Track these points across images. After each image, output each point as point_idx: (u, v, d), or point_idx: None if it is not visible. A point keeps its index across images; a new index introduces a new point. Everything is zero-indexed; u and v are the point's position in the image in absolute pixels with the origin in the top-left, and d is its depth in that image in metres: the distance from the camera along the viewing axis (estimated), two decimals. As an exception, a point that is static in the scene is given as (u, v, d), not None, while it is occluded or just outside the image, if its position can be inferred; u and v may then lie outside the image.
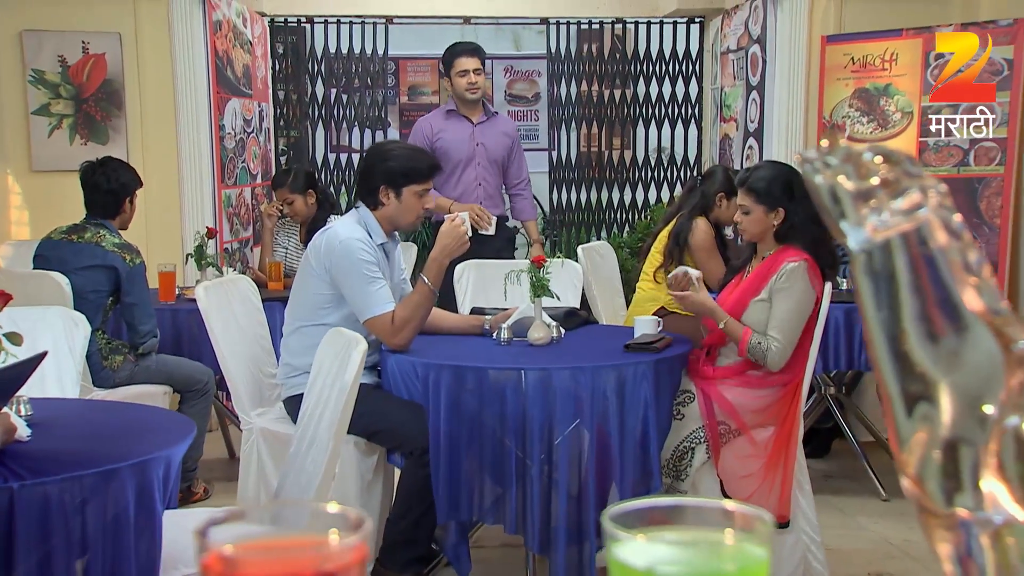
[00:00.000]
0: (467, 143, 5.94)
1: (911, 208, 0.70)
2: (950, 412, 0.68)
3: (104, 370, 4.57)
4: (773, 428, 3.82)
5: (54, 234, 4.70)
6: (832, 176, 0.71)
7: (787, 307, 3.83)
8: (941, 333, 0.69)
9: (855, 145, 0.71)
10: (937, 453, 0.68)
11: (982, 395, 0.68)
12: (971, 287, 0.70)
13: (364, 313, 3.76)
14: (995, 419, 0.68)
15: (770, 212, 3.89)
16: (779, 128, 6.56)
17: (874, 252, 0.70)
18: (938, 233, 0.70)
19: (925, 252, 0.69)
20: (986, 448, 0.67)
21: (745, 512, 0.66)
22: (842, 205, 0.71)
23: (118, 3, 6.17)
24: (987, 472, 0.68)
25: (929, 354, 0.69)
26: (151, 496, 2.46)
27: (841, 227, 0.71)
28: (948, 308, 0.69)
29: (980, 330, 0.69)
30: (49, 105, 6.15)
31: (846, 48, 6.38)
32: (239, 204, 6.62)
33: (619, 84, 8.19)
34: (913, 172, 0.71)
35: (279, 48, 7.87)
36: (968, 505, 0.68)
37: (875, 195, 0.70)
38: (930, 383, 0.69)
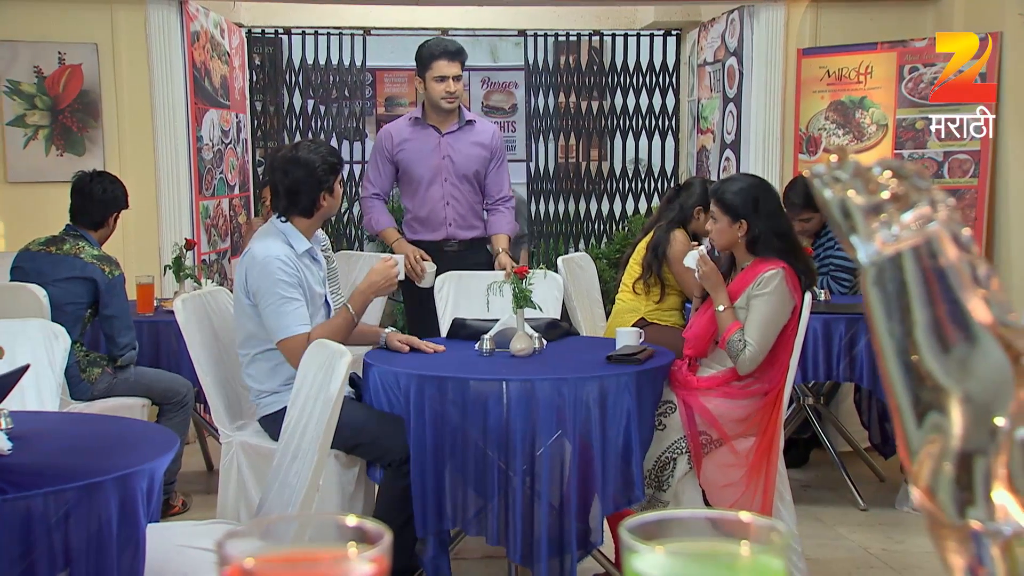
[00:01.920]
0: (432, 156, 5.20)
1: (921, 222, 0.70)
2: (961, 424, 0.69)
3: (82, 382, 4.54)
4: (754, 438, 3.84)
5: (32, 245, 4.67)
6: (842, 191, 0.71)
7: (763, 312, 3.84)
8: (951, 345, 0.69)
9: (864, 160, 0.72)
10: (948, 465, 0.69)
11: (992, 406, 0.69)
12: (980, 299, 0.71)
13: (277, 334, 3.72)
14: (1005, 431, 0.68)
15: (734, 223, 3.92)
16: (756, 140, 6.60)
17: (884, 265, 0.71)
18: (948, 246, 0.70)
19: (935, 265, 0.70)
20: (997, 459, 0.68)
21: (761, 524, 0.66)
22: (852, 219, 0.71)
23: (95, 13, 6.14)
24: (997, 483, 0.68)
25: (940, 365, 0.69)
26: (134, 509, 2.44)
27: (851, 241, 0.72)
28: (958, 320, 0.70)
29: (990, 342, 0.70)
30: (25, 116, 6.11)
31: (822, 61, 6.42)
32: (217, 215, 6.60)
33: (596, 96, 8.23)
34: (922, 186, 0.71)
35: (256, 59, 7.86)
36: (980, 517, 0.69)
37: (885, 209, 0.70)
38: (941, 394, 0.69)
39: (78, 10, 6.14)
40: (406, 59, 9.49)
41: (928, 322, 0.70)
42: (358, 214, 7.88)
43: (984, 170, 5.85)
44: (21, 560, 2.28)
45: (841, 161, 0.72)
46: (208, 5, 6.56)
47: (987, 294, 0.71)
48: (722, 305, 3.88)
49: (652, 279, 4.89)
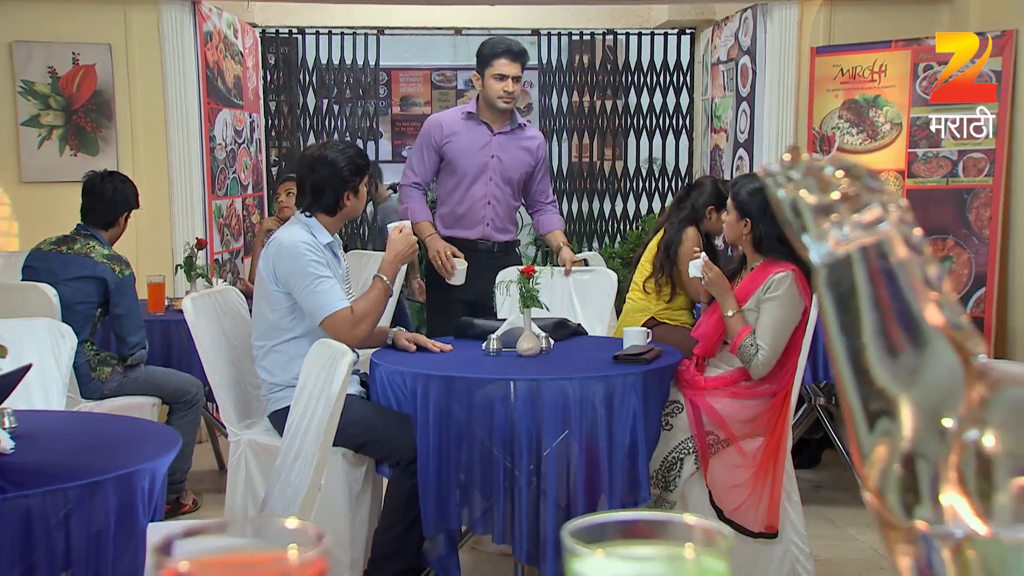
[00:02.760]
0: (480, 154, 5.07)
1: (872, 222, 0.70)
2: (911, 426, 0.68)
3: (92, 381, 4.56)
4: (762, 438, 3.82)
5: (44, 245, 4.70)
6: (794, 190, 0.71)
7: (774, 316, 3.83)
8: (900, 348, 0.69)
9: (817, 159, 0.71)
10: (897, 467, 0.68)
11: (942, 409, 0.68)
12: (931, 302, 0.70)
13: (319, 313, 3.75)
14: (955, 433, 0.68)
15: (740, 220, 3.93)
16: (769, 139, 6.57)
17: (835, 266, 0.70)
18: (898, 247, 0.70)
19: (885, 266, 0.69)
20: (946, 462, 0.67)
21: (705, 526, 0.66)
22: (804, 219, 0.71)
23: (108, 14, 6.17)
24: (947, 486, 0.67)
25: (888, 369, 0.69)
26: (135, 509, 2.45)
27: (803, 240, 0.71)
28: (907, 322, 0.69)
29: (940, 344, 0.69)
30: (39, 116, 6.14)
31: (835, 59, 6.39)
32: (230, 215, 6.62)
33: (610, 95, 8.21)
34: (874, 186, 0.71)
35: (271, 59, 7.89)
36: (928, 518, 0.68)
37: (836, 209, 0.70)
38: (890, 398, 0.69)
39: (92, 11, 6.17)
40: (421, 59, 9.56)
41: (876, 324, 0.69)
42: (371, 213, 7.89)
43: (999, 169, 5.81)
44: (22, 560, 2.29)
45: (794, 160, 0.71)
46: (221, 5, 6.58)
47: (939, 296, 0.70)
48: (731, 310, 3.86)
49: (663, 278, 4.88)
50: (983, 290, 5.81)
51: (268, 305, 3.84)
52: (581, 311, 5.02)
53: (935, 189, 6.00)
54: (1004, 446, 0.66)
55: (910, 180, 6.08)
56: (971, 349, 0.69)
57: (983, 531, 0.66)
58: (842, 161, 0.71)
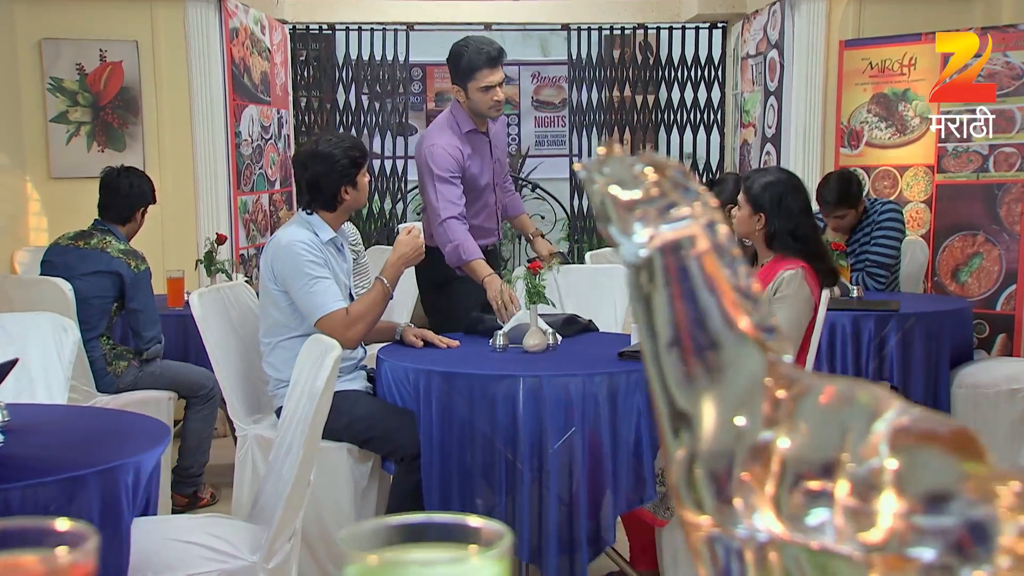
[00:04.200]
0: (488, 164, 4.89)
1: (677, 220, 0.67)
2: (710, 427, 0.66)
3: (108, 375, 4.60)
4: (769, 437, 3.77)
5: (62, 240, 4.74)
6: (604, 185, 0.69)
7: (787, 315, 3.79)
8: (699, 349, 0.67)
9: (630, 155, 0.69)
10: (696, 469, 0.66)
11: (740, 411, 0.66)
12: (737, 302, 0.68)
13: (314, 313, 3.74)
14: (749, 433, 0.65)
15: (754, 215, 3.87)
16: (796, 134, 6.51)
17: (640, 266, 0.68)
18: (701, 246, 0.67)
19: (684, 266, 0.67)
20: (744, 464, 0.65)
21: (487, 527, 0.64)
22: (611, 215, 0.69)
23: (135, 11, 6.23)
24: (746, 488, 0.65)
25: (687, 371, 0.67)
26: (118, 503, 2.46)
27: (614, 237, 0.69)
28: (706, 323, 0.67)
29: (743, 346, 0.67)
30: (67, 113, 6.21)
31: (864, 53, 6.31)
32: (256, 210, 6.65)
33: (641, 90, 8.16)
34: (681, 183, 0.68)
35: (302, 55, 7.93)
36: (726, 518, 0.66)
37: (641, 206, 0.67)
38: (691, 400, 0.67)
39: (119, 8, 6.23)
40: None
41: (675, 325, 0.67)
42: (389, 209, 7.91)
43: (1031, 163, 5.72)
44: (3, 552, 2.30)
45: (608, 155, 0.69)
46: (249, 2, 6.61)
47: (746, 297, 0.68)
48: None
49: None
50: (1014, 287, 5.72)
51: (271, 303, 3.85)
52: (597, 307, 4.99)
53: (965, 184, 5.91)
54: (797, 451, 0.63)
55: (939, 175, 6.00)
56: (775, 350, 0.67)
57: (780, 533, 0.64)
58: (653, 158, 0.69)
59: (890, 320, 4.64)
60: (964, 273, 5.90)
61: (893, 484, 0.59)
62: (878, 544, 0.59)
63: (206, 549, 2.67)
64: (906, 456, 0.60)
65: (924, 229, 6.08)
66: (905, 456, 0.60)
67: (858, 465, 0.61)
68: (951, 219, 5.98)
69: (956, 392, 4.69)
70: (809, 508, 0.62)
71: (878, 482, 0.59)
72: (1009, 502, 0.57)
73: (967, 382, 4.70)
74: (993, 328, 5.78)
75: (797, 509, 0.62)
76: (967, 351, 4.98)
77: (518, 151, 10.75)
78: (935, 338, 4.68)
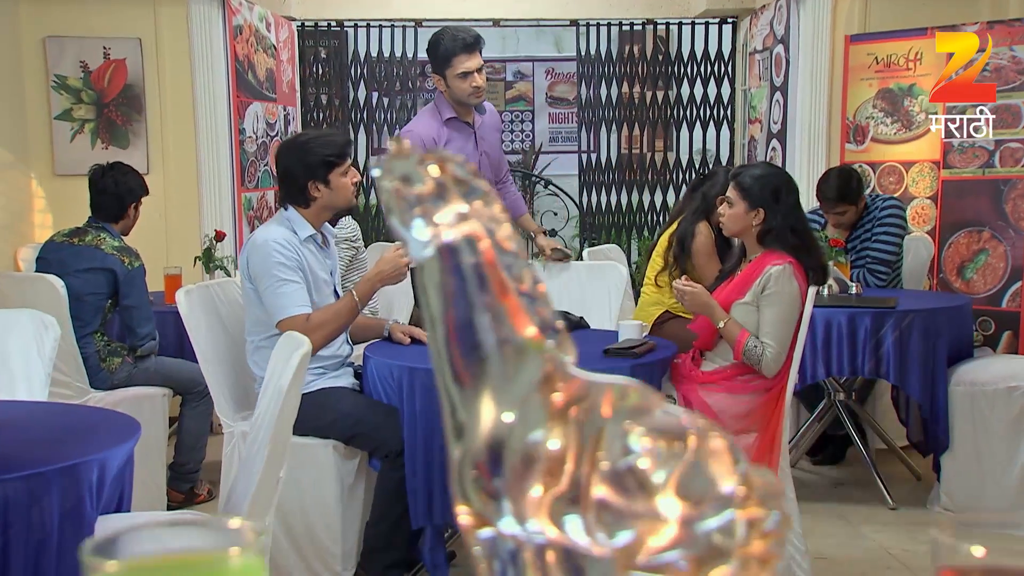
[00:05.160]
0: (473, 155, 4.86)
1: (457, 219, 0.66)
2: (484, 429, 0.65)
3: (102, 371, 4.61)
4: (755, 434, 3.75)
5: (57, 236, 4.76)
6: (391, 182, 0.67)
7: (776, 311, 3.76)
8: (472, 349, 0.65)
9: (420, 152, 0.68)
10: (471, 469, 0.65)
11: (515, 411, 0.64)
12: (517, 303, 0.66)
13: (275, 315, 3.73)
14: (522, 433, 0.64)
15: (751, 211, 3.84)
16: (802, 129, 6.46)
17: (423, 265, 0.67)
18: (481, 246, 0.66)
19: (461, 265, 0.65)
20: (516, 466, 0.64)
21: (244, 526, 0.63)
22: (396, 212, 0.67)
23: (138, 9, 6.25)
24: (519, 489, 0.64)
25: (459, 373, 0.65)
26: (81, 501, 2.46)
27: (399, 233, 0.68)
28: (482, 324, 0.65)
29: (520, 346, 0.65)
30: (71, 110, 6.24)
31: (870, 48, 6.26)
32: (261, 207, 6.66)
33: (651, 85, 8.12)
34: (465, 180, 0.67)
35: (320, 52, 7.95)
36: (499, 521, 0.64)
37: (422, 202, 0.66)
38: (467, 402, 0.65)
39: (122, 6, 6.26)
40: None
41: (450, 323, 0.66)
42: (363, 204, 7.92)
43: (1038, 159, 5.65)
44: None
45: (398, 151, 0.68)
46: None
47: (525, 296, 0.66)
48: (721, 321, 3.80)
49: (676, 271, 4.81)
50: (1019, 283, 5.65)
51: (252, 301, 3.84)
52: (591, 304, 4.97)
53: (971, 180, 5.85)
54: (564, 452, 0.62)
55: (945, 171, 5.94)
56: (556, 354, 0.65)
57: (552, 535, 0.62)
58: (439, 155, 0.67)
59: (887, 317, 4.59)
60: (969, 270, 5.84)
61: (646, 484, 0.58)
62: (632, 544, 0.58)
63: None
64: (659, 457, 0.58)
65: (930, 225, 6.02)
66: (655, 459, 0.58)
67: (614, 465, 0.59)
68: (957, 215, 5.92)
69: (954, 390, 4.63)
70: (570, 509, 0.60)
71: (631, 483, 0.58)
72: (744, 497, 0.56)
73: (965, 379, 4.64)
74: (999, 325, 5.72)
75: (562, 510, 0.61)
76: (967, 348, 4.92)
77: (532, 147, 10.74)
78: (933, 335, 4.62)
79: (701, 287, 3.88)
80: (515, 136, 10.91)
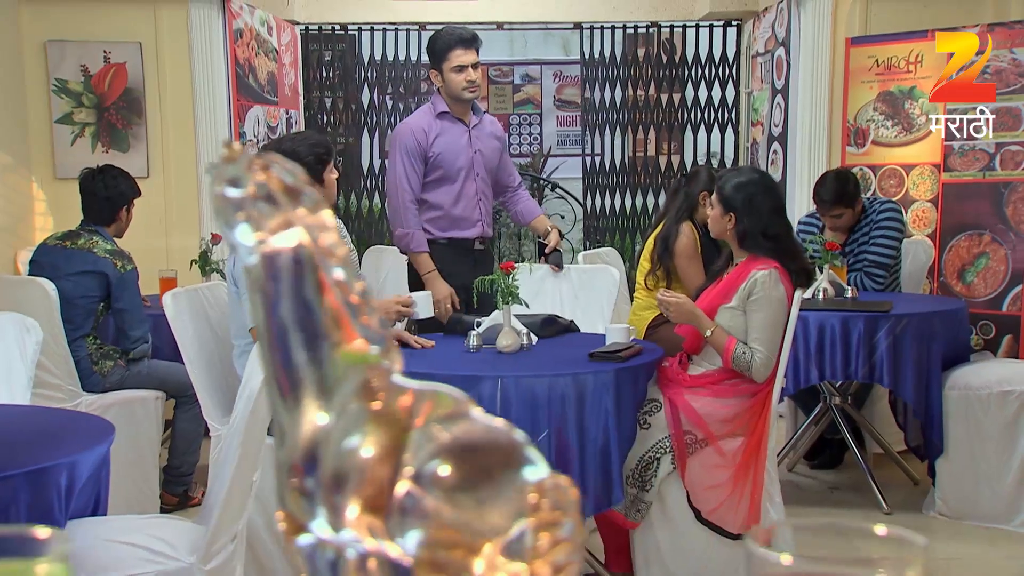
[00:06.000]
0: (465, 151, 4.88)
1: (282, 225, 0.65)
2: (305, 435, 0.64)
3: (94, 375, 4.62)
4: (742, 438, 3.73)
5: (50, 240, 4.78)
6: (218, 184, 0.67)
7: (763, 316, 3.74)
8: (289, 356, 0.64)
9: (252, 156, 0.67)
10: (290, 476, 0.64)
11: (334, 418, 0.64)
12: (340, 310, 0.65)
13: (247, 322, 3.73)
14: (338, 441, 0.63)
15: (725, 215, 3.84)
16: (802, 132, 6.44)
17: (250, 269, 0.66)
18: (303, 253, 0.65)
19: (284, 272, 0.65)
20: (334, 473, 0.63)
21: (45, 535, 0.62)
22: (220, 215, 0.67)
23: (138, 13, 6.27)
24: (336, 493, 0.63)
25: (281, 379, 0.65)
26: (48, 506, 2.46)
27: (226, 238, 0.67)
28: (302, 331, 0.65)
29: (340, 355, 0.64)
30: (72, 114, 6.27)
31: (870, 50, 6.23)
32: (261, 210, 6.67)
33: (655, 88, 8.11)
34: (294, 188, 0.66)
35: (324, 56, 7.97)
36: (315, 522, 0.64)
37: (246, 208, 0.65)
38: (289, 408, 0.65)
39: (122, 10, 6.28)
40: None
41: (272, 329, 0.65)
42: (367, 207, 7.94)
43: (1039, 161, 5.61)
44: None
45: (230, 155, 0.67)
46: (257, 2, 6.64)
47: (348, 304, 0.66)
48: (708, 330, 3.78)
49: (660, 272, 4.80)
50: (1020, 287, 5.61)
51: (235, 305, 3.85)
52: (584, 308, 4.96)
53: (971, 183, 5.81)
54: (377, 459, 0.61)
55: (946, 174, 5.90)
56: (378, 362, 0.65)
57: (367, 542, 0.62)
58: (268, 159, 0.67)
59: (881, 321, 4.56)
60: (970, 273, 5.81)
61: (443, 489, 0.57)
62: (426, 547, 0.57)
63: (144, 550, 2.67)
64: (457, 464, 0.58)
65: (930, 229, 5.99)
66: (456, 463, 0.58)
67: (416, 471, 0.58)
68: (957, 218, 5.88)
69: (948, 394, 4.61)
70: (379, 515, 0.60)
71: (429, 487, 0.58)
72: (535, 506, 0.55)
73: (959, 384, 4.61)
74: (999, 329, 5.69)
75: (371, 515, 0.60)
76: (963, 352, 4.89)
77: (540, 150, 10.74)
78: (927, 339, 4.59)
79: (685, 297, 3.87)
80: (523, 139, 10.91)
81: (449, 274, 4.74)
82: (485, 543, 0.57)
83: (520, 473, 0.57)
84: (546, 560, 0.55)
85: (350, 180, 8.10)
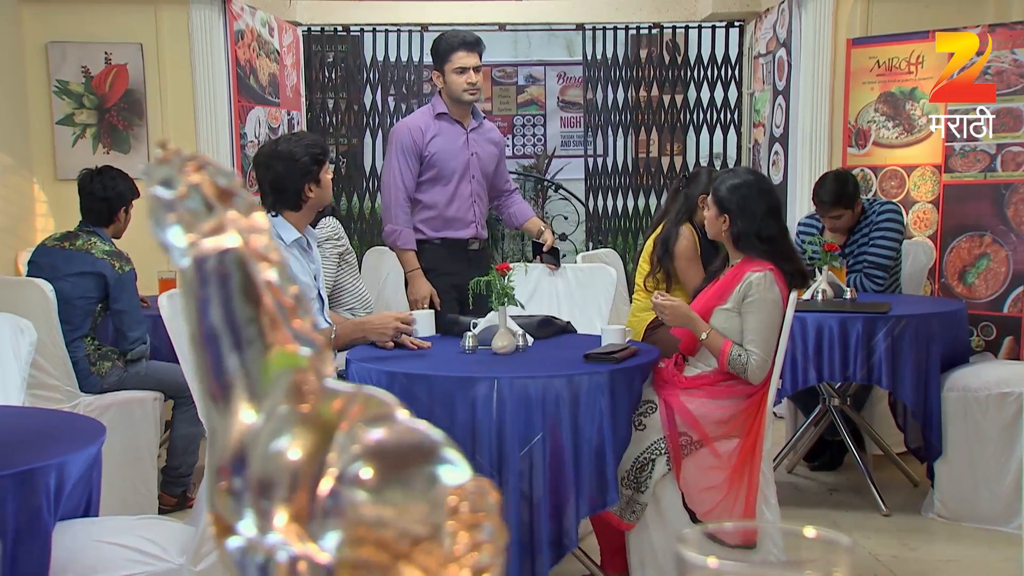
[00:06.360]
0: (461, 152, 4.95)
1: (214, 227, 0.65)
2: (233, 439, 0.64)
3: (92, 376, 4.63)
4: (737, 440, 3.72)
5: (48, 241, 4.79)
6: (152, 185, 0.67)
7: (759, 318, 3.74)
8: (220, 360, 0.64)
9: (186, 157, 0.67)
10: (219, 480, 0.64)
11: (263, 421, 0.63)
12: (272, 313, 0.65)
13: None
14: (265, 444, 0.63)
15: (719, 216, 3.83)
16: (804, 133, 6.42)
17: (185, 271, 0.66)
18: (235, 256, 0.65)
19: (213, 275, 0.65)
20: (261, 478, 0.63)
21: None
22: (153, 216, 0.67)
23: (139, 14, 6.28)
24: (266, 501, 0.63)
25: (210, 383, 0.64)
26: (37, 507, 2.45)
27: (159, 239, 0.67)
28: (230, 334, 0.64)
29: (271, 357, 0.64)
30: (73, 115, 6.28)
31: (871, 51, 6.21)
32: (262, 212, 6.68)
33: (658, 89, 8.10)
34: (228, 190, 0.66)
35: (327, 57, 7.97)
36: (242, 523, 0.64)
37: (177, 209, 0.65)
38: (219, 410, 0.64)
39: (123, 11, 6.29)
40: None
41: (203, 332, 0.65)
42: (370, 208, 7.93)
43: (1040, 163, 5.60)
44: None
45: (165, 155, 0.67)
46: (259, 4, 6.64)
47: (281, 307, 0.65)
48: (704, 332, 3.77)
49: (660, 274, 4.80)
50: (1021, 288, 5.59)
51: None
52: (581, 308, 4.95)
53: (972, 184, 5.80)
54: (305, 462, 0.61)
55: (947, 175, 5.89)
56: (311, 366, 0.65)
57: (297, 546, 0.61)
58: (201, 159, 0.66)
59: (879, 322, 4.55)
60: (971, 274, 5.79)
61: (365, 490, 0.57)
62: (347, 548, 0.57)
63: (133, 551, 2.67)
64: (378, 465, 0.57)
65: (931, 230, 5.97)
66: (377, 465, 0.57)
67: (340, 472, 0.58)
68: (958, 219, 5.87)
69: (947, 395, 4.60)
70: (304, 517, 0.60)
71: (351, 489, 0.57)
72: (454, 508, 0.55)
73: (958, 385, 4.60)
74: (1000, 330, 5.67)
75: (301, 517, 0.60)
76: (962, 354, 4.88)
77: (544, 151, 10.73)
78: (926, 341, 4.58)
79: (680, 300, 3.87)
80: (527, 140, 10.90)
81: (444, 274, 4.80)
82: (406, 545, 0.56)
83: (440, 475, 0.57)
84: (466, 562, 0.55)
85: (353, 181, 8.11)
